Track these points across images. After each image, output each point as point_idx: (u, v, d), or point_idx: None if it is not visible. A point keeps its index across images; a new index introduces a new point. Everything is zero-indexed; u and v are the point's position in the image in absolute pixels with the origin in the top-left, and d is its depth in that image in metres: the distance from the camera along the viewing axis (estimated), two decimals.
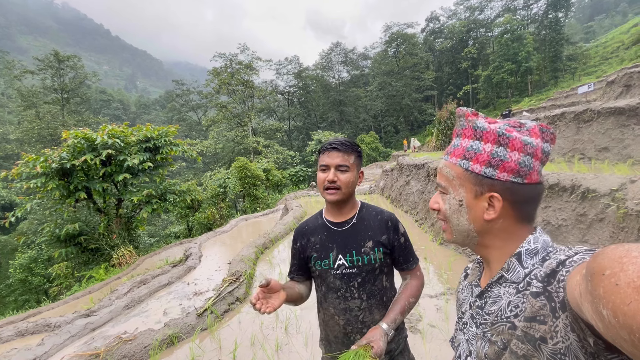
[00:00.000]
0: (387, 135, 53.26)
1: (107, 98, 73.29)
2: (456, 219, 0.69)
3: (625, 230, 2.31)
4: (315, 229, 1.32)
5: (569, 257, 0.52)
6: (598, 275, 0.35)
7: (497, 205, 0.63)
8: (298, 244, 1.34)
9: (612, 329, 0.33)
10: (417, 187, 7.27)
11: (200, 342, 3.13)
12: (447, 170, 0.70)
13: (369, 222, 1.27)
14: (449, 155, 0.71)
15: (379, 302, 1.24)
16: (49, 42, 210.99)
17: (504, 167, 0.62)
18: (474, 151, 0.65)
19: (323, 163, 1.22)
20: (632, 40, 36.57)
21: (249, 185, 17.17)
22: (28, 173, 8.73)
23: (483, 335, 0.65)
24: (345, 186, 1.21)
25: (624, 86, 7.00)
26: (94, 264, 9.97)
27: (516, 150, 0.62)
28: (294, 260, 1.36)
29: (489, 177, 0.63)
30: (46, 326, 4.16)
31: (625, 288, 0.32)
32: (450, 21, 58.00)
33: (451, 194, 0.69)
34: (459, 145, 0.69)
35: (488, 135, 0.64)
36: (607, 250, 0.37)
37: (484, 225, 0.66)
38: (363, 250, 1.23)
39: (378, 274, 1.24)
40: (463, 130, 0.69)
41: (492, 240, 0.67)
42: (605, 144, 4.80)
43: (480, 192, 0.65)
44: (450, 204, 0.70)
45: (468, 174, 0.66)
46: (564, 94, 18.95)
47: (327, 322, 1.30)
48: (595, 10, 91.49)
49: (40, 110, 29.54)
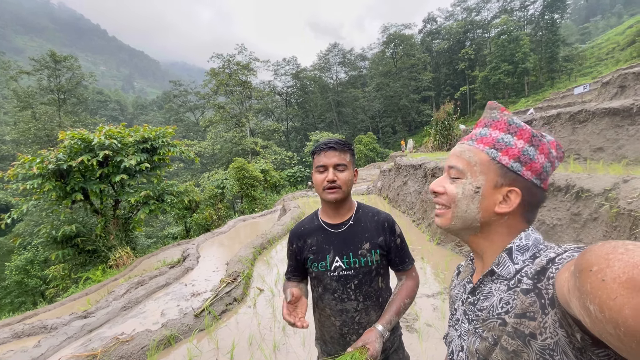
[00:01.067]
0: (384, 136, 53.35)
1: (104, 99, 73.03)
2: (466, 204, 0.68)
3: (618, 229, 2.34)
4: (311, 230, 1.31)
5: (558, 254, 0.54)
6: (585, 272, 0.36)
7: (514, 201, 0.64)
8: (294, 245, 1.32)
9: (598, 324, 0.34)
10: (415, 188, 7.30)
11: (198, 342, 3.13)
12: (469, 155, 0.69)
13: (365, 224, 1.27)
14: (475, 141, 0.70)
15: (375, 303, 1.25)
16: (45, 43, 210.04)
17: (531, 167, 0.64)
18: (505, 144, 0.66)
19: (320, 164, 1.21)
20: (627, 42, 36.85)
21: (246, 186, 17.14)
22: (24, 174, 8.68)
23: (475, 331, 0.66)
24: (344, 184, 1.21)
25: (618, 87, 7.06)
26: (91, 265, 9.93)
27: (543, 154, 0.64)
28: (290, 262, 1.36)
29: (514, 171, 0.64)
30: (43, 328, 4.14)
31: (611, 284, 0.33)
32: (447, 22, 58.20)
33: (468, 178, 0.68)
34: (489, 134, 0.68)
35: (523, 132, 0.65)
36: (594, 247, 0.38)
37: (491, 217, 0.67)
38: (360, 252, 1.22)
39: (374, 275, 1.24)
40: (495, 122, 0.69)
41: (491, 234, 0.68)
42: (600, 144, 4.84)
43: (500, 183, 0.65)
44: (465, 188, 0.68)
45: (494, 164, 0.66)
46: (560, 94, 19.06)
47: (323, 322, 1.30)
48: (591, 11, 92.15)
49: (37, 111, 29.32)
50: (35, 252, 15.40)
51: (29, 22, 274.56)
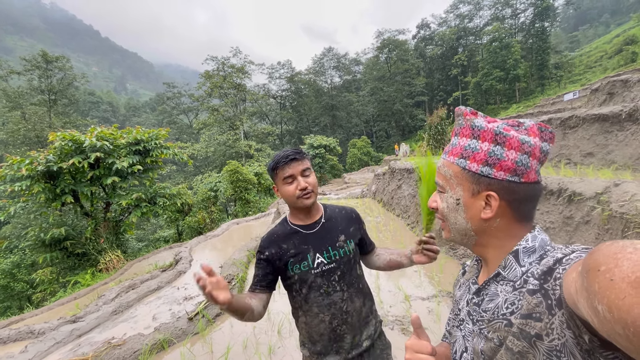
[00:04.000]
0: (378, 140, 53.65)
1: (96, 100, 72.16)
2: (453, 217, 0.69)
3: (610, 231, 2.38)
4: (285, 236, 1.32)
5: (565, 255, 0.53)
6: (593, 272, 0.36)
7: (493, 204, 0.63)
8: (267, 253, 1.30)
9: (607, 324, 0.34)
10: (409, 191, 7.34)
11: (192, 346, 3.08)
12: (444, 169, 0.70)
13: (336, 219, 1.38)
14: (447, 154, 0.71)
15: (357, 289, 1.34)
16: (36, 43, 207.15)
17: (501, 166, 0.62)
18: (472, 150, 0.65)
19: (287, 175, 1.25)
20: (614, 50, 37.87)
21: (240, 189, 17.03)
22: (12, 175, 8.50)
23: (479, 332, 0.66)
24: (314, 187, 1.29)
25: (607, 94, 7.23)
26: (80, 269, 9.72)
27: (513, 149, 0.62)
28: (257, 271, 1.32)
29: (485, 175, 0.63)
30: (29, 333, 4.03)
31: (620, 283, 0.32)
32: (440, 28, 59.04)
33: (448, 192, 0.69)
34: (457, 144, 0.69)
35: (485, 134, 0.64)
36: (602, 247, 0.38)
37: (482, 224, 0.66)
38: (338, 245, 1.31)
39: (353, 263, 1.35)
40: (461, 129, 0.68)
41: (489, 239, 0.67)
42: (590, 149, 4.94)
43: (477, 190, 0.65)
44: (447, 202, 0.70)
45: (465, 173, 0.66)
46: (551, 100, 19.42)
47: (311, 323, 1.31)
48: (580, 20, 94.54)
49: (27, 111, 28.78)
50: (22, 255, 15.03)
51: (19, 21, 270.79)
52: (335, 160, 30.27)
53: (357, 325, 1.32)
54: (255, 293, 1.28)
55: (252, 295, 1.27)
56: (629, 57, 32.07)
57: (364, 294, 1.38)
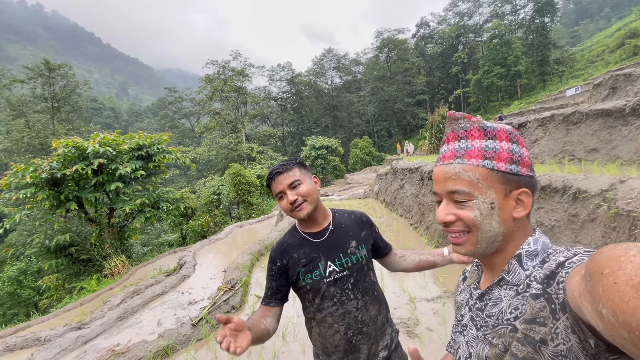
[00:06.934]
0: (380, 140, 53.59)
1: (99, 106, 72.80)
2: (488, 224, 0.63)
3: (616, 229, 2.34)
4: (295, 245, 1.28)
5: (567, 258, 0.53)
6: (597, 275, 0.36)
7: (527, 201, 0.63)
8: (278, 264, 1.27)
9: (611, 328, 0.33)
10: (412, 191, 7.31)
11: (196, 352, 3.07)
12: (469, 174, 0.63)
13: (346, 224, 1.33)
14: (464, 157, 0.65)
15: (372, 297, 1.29)
16: (38, 51, 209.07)
17: (523, 163, 0.63)
18: (493, 150, 0.63)
19: (277, 191, 1.24)
20: (616, 44, 37.58)
21: (243, 191, 17.06)
22: (17, 183, 8.57)
23: (484, 337, 0.65)
24: (306, 195, 1.22)
25: (610, 88, 7.16)
26: (85, 275, 9.78)
27: (524, 147, 0.64)
28: (271, 283, 1.28)
29: (515, 173, 0.63)
30: (36, 340, 4.05)
31: (624, 286, 0.32)
32: (440, 27, 59.00)
33: (479, 198, 0.63)
34: (471, 146, 0.65)
35: (500, 133, 0.64)
36: (605, 250, 0.37)
37: (511, 225, 0.64)
38: (349, 251, 1.27)
39: (366, 270, 1.30)
40: (469, 131, 0.66)
41: (507, 244, 0.65)
42: (594, 145, 4.89)
43: (509, 190, 0.63)
44: (480, 209, 0.63)
45: (494, 174, 0.63)
46: (553, 96, 19.32)
47: (325, 334, 1.27)
48: (580, 15, 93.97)
49: (30, 119, 29.06)
50: (29, 262, 15.16)
51: (22, 30, 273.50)
52: (337, 161, 30.29)
53: (373, 334, 1.28)
54: (270, 307, 1.26)
55: (266, 311, 1.24)
56: (631, 50, 31.82)
57: (379, 302, 1.33)
